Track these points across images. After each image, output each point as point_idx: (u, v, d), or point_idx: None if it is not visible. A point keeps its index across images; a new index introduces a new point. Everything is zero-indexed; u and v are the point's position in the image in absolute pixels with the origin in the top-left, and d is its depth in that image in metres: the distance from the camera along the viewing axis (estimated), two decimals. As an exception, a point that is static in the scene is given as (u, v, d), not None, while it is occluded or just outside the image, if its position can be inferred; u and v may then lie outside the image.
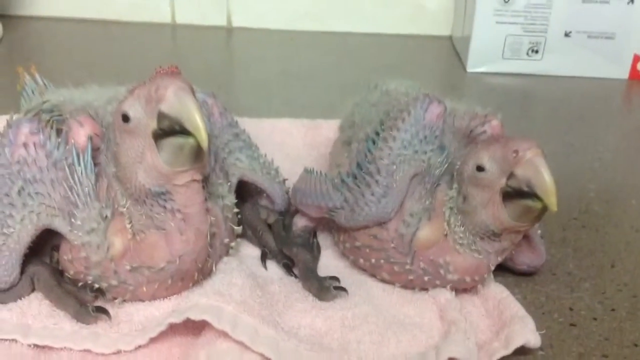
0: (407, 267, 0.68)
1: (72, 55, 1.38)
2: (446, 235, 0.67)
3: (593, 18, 1.32)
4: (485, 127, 0.70)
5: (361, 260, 0.72)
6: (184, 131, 0.57)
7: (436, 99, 0.68)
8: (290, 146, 0.99)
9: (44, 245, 0.69)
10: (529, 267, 0.75)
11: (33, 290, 0.67)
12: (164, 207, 0.61)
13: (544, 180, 0.59)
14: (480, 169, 0.64)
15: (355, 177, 0.69)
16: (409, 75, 1.34)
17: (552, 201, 0.59)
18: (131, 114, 0.59)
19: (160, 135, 0.58)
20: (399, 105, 0.70)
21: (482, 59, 1.36)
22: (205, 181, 0.64)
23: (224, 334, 0.59)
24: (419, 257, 0.67)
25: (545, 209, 0.61)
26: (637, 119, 1.23)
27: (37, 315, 0.64)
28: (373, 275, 0.72)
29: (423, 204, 0.67)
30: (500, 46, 1.35)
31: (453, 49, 1.49)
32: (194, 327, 0.63)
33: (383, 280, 0.72)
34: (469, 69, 1.37)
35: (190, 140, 0.57)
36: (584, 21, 1.32)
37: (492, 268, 0.68)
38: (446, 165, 0.68)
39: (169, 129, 0.58)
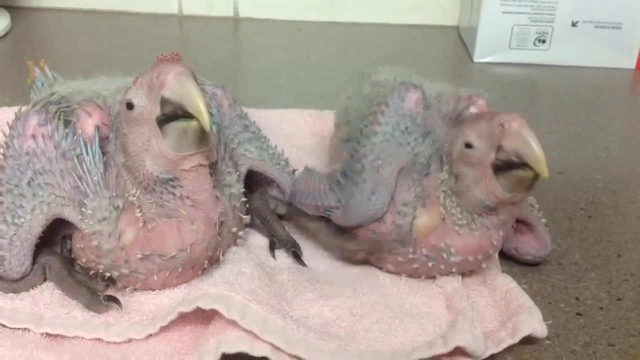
0: (410, 256, 0.69)
1: (79, 46, 1.38)
2: (444, 218, 0.67)
3: (600, 7, 1.31)
4: (472, 108, 0.71)
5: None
6: (186, 115, 0.58)
7: (412, 85, 0.69)
8: (298, 137, 1.00)
9: (55, 235, 0.70)
10: (534, 258, 0.75)
11: (45, 280, 0.68)
12: (173, 194, 0.62)
13: (532, 148, 0.60)
14: (468, 146, 0.64)
15: (345, 177, 0.70)
16: (416, 66, 1.35)
17: (542, 168, 0.59)
18: (135, 101, 0.60)
19: (165, 120, 0.59)
20: (378, 98, 0.70)
21: (489, 49, 1.36)
22: (213, 167, 0.64)
23: (234, 323, 0.60)
24: (421, 245, 0.68)
25: (537, 176, 0.61)
26: (643, 109, 1.23)
27: (49, 304, 0.65)
28: (379, 268, 0.73)
29: (414, 192, 0.68)
30: (507, 36, 1.34)
31: (460, 39, 1.49)
32: (203, 316, 0.63)
33: (387, 271, 0.72)
34: (476, 59, 1.37)
35: (193, 124, 0.58)
36: (591, 11, 1.32)
37: (496, 244, 0.68)
38: (430, 151, 0.68)
39: (172, 114, 0.59)
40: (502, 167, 0.62)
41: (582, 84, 1.30)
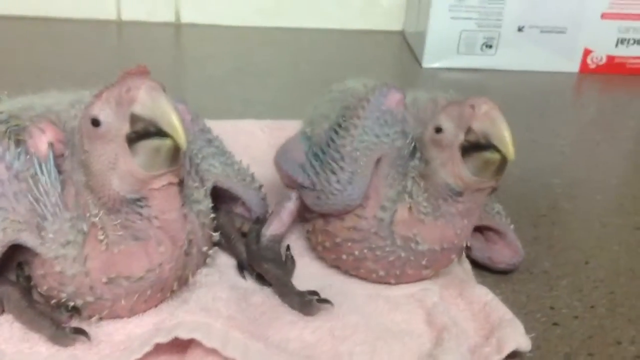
0: (387, 249, 0.67)
1: (13, 55, 1.32)
2: (410, 207, 0.66)
3: (545, 13, 1.34)
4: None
5: (343, 257, 0.70)
6: (159, 132, 0.54)
7: (394, 87, 0.69)
8: (255, 148, 0.97)
9: (10, 262, 0.65)
10: (507, 265, 0.75)
11: (2, 312, 0.63)
12: (140, 214, 0.58)
13: (500, 130, 0.59)
14: (438, 130, 0.64)
15: (320, 162, 0.69)
16: (365, 71, 1.36)
17: (509, 150, 0.59)
18: (102, 117, 0.56)
19: (134, 138, 0.56)
20: (358, 96, 0.70)
21: (437, 55, 1.36)
22: (181, 184, 0.61)
23: (213, 351, 0.57)
24: (396, 236, 0.67)
25: (504, 161, 0.61)
26: (590, 112, 1.26)
27: (9, 339, 0.61)
28: (355, 270, 0.71)
29: (397, 187, 0.67)
30: (455, 41, 1.35)
31: (406, 44, 1.50)
32: (177, 344, 0.60)
33: (366, 272, 0.70)
34: (425, 65, 1.37)
35: (167, 142, 0.55)
36: (537, 16, 1.34)
37: (460, 233, 0.66)
38: (412, 146, 0.67)
39: (143, 132, 0.55)
40: (470, 149, 0.62)
41: (529, 88, 1.32)
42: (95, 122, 0.56)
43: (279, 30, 1.53)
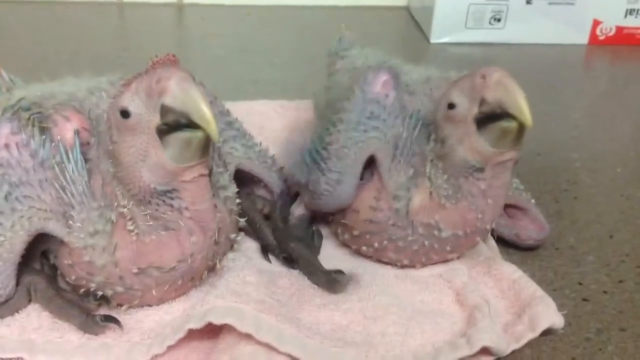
0: (410, 238, 0.66)
1: (17, 39, 1.29)
2: (431, 193, 0.65)
3: (553, -16, 1.32)
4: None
5: (364, 248, 0.70)
6: (191, 124, 0.53)
7: (380, 68, 0.67)
8: (270, 129, 0.95)
9: (33, 250, 0.64)
10: (535, 241, 0.75)
11: (29, 301, 0.62)
12: (171, 206, 0.57)
13: (515, 97, 0.57)
14: (451, 106, 0.62)
15: (313, 160, 0.68)
16: (372, 48, 1.34)
17: (525, 116, 0.57)
18: (131, 109, 0.54)
19: (164, 130, 0.54)
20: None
21: (445, 30, 1.35)
22: (210, 174, 0.60)
23: (247, 336, 0.57)
24: (416, 225, 0.66)
25: (521, 129, 0.59)
26: (602, 84, 1.25)
27: (38, 328, 0.60)
28: (379, 258, 0.70)
29: (406, 174, 0.65)
30: (463, 16, 1.34)
31: (411, 20, 1.48)
32: (208, 330, 0.59)
33: (389, 261, 0.69)
34: (433, 40, 1.36)
35: (199, 134, 0.53)
36: (545, -12, 1.32)
37: (482, 216, 0.64)
38: (415, 133, 0.65)
39: (173, 123, 0.54)
40: (486, 121, 0.60)
41: (539, 61, 1.31)
42: (125, 114, 0.55)
43: (282, 8, 1.51)
